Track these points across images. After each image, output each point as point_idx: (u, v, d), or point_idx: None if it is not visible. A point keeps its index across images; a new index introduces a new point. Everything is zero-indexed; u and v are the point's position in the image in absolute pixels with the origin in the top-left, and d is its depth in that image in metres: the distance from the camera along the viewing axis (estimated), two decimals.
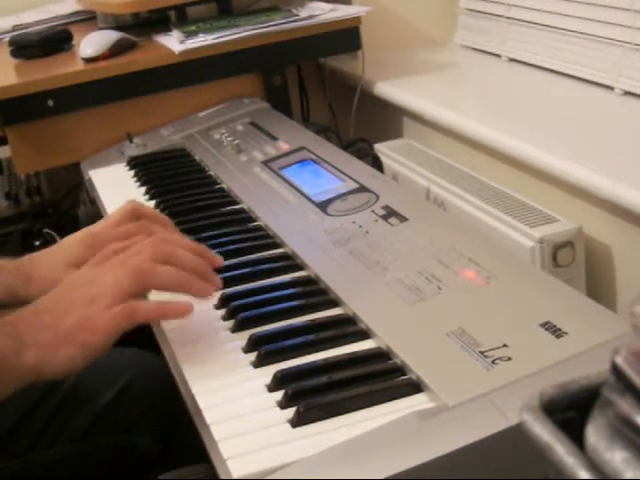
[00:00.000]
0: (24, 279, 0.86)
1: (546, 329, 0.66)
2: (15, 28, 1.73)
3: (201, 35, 1.43)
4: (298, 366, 0.69)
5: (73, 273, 0.78)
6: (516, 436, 0.55)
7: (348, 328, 0.75)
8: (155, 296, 0.78)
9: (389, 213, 0.92)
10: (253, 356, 0.72)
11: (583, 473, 0.35)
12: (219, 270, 0.88)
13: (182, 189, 1.16)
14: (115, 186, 1.24)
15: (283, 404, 0.64)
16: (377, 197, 0.96)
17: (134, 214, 0.95)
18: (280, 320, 0.77)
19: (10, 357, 0.67)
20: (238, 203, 1.08)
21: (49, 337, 0.69)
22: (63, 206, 1.75)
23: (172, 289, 0.75)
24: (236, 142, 1.24)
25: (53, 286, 0.87)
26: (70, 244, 0.90)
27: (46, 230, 1.57)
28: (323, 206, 0.98)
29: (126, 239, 0.91)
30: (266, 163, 1.16)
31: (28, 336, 0.69)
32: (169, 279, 0.74)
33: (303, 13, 1.49)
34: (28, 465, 0.91)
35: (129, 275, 0.72)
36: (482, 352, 0.65)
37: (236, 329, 0.77)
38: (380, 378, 0.66)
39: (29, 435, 0.91)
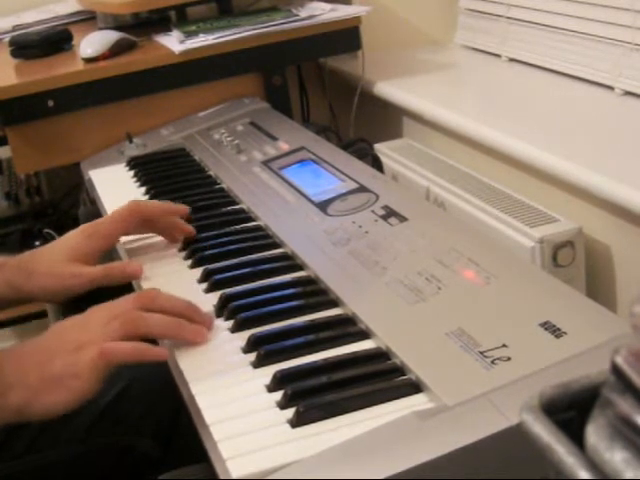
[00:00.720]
0: (26, 274, 0.87)
1: (546, 329, 0.66)
2: (15, 28, 1.73)
3: (201, 35, 1.43)
4: (298, 366, 0.69)
5: (63, 320, 0.77)
6: (516, 436, 0.55)
7: (348, 328, 0.75)
8: None
9: (389, 213, 0.92)
10: (253, 356, 0.72)
11: (583, 473, 0.35)
12: (219, 270, 0.88)
13: (182, 189, 1.16)
14: (115, 186, 1.24)
15: (283, 404, 0.64)
16: (377, 197, 0.96)
17: (133, 212, 0.96)
18: (280, 320, 0.77)
19: None
20: (238, 203, 1.08)
21: (35, 379, 0.69)
22: (63, 206, 1.75)
23: (163, 336, 0.75)
24: (236, 142, 1.24)
25: (54, 279, 0.87)
26: (69, 238, 0.91)
27: (46, 230, 1.57)
28: (323, 206, 0.98)
29: (126, 227, 0.92)
30: (266, 163, 1.16)
31: (13, 376, 0.69)
32: (158, 327, 0.74)
33: (303, 13, 1.49)
34: (28, 466, 0.91)
35: (119, 323, 0.72)
36: (482, 352, 0.65)
37: (236, 329, 0.77)
38: (380, 378, 0.66)
39: (29, 436, 0.91)
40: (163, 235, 0.99)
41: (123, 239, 0.98)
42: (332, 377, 0.66)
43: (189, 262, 0.93)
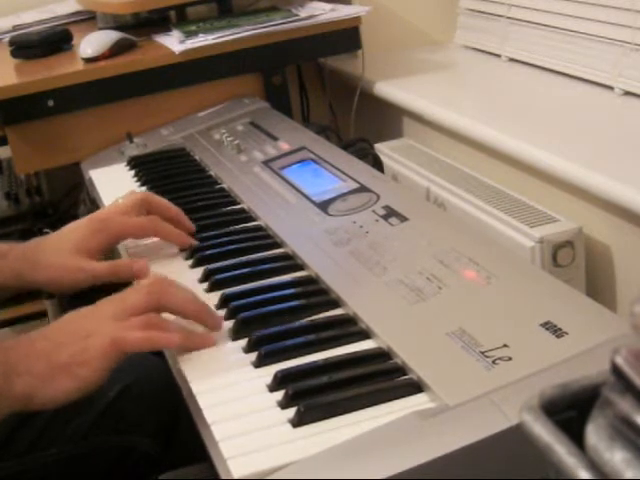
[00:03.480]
0: (31, 263, 0.87)
1: (546, 329, 0.66)
2: (15, 28, 1.73)
3: (201, 35, 1.43)
4: (299, 366, 0.69)
5: (74, 311, 0.77)
6: (516, 436, 0.55)
7: (348, 328, 0.75)
8: None
9: (389, 213, 0.92)
10: (253, 356, 0.72)
11: (583, 473, 0.35)
12: (219, 270, 0.88)
13: (182, 189, 1.16)
14: (115, 186, 1.24)
15: (284, 404, 0.64)
16: (377, 197, 0.96)
17: (143, 204, 0.95)
18: (280, 320, 0.77)
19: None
20: (238, 203, 1.08)
21: (42, 367, 0.69)
22: (63, 206, 1.75)
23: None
24: (236, 142, 1.24)
25: (60, 271, 0.87)
26: (76, 228, 0.91)
27: (46, 230, 1.57)
28: (323, 206, 0.98)
29: (135, 233, 0.92)
30: (266, 163, 1.16)
31: (20, 364, 0.69)
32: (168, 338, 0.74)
33: (303, 13, 1.49)
34: (29, 466, 0.91)
35: (133, 319, 0.72)
36: (482, 352, 0.65)
37: (236, 329, 0.77)
38: (380, 378, 0.66)
39: (30, 436, 0.91)
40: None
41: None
42: (333, 377, 0.66)
43: (190, 262, 0.93)
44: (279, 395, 0.66)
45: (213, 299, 0.83)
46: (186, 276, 0.90)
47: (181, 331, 0.74)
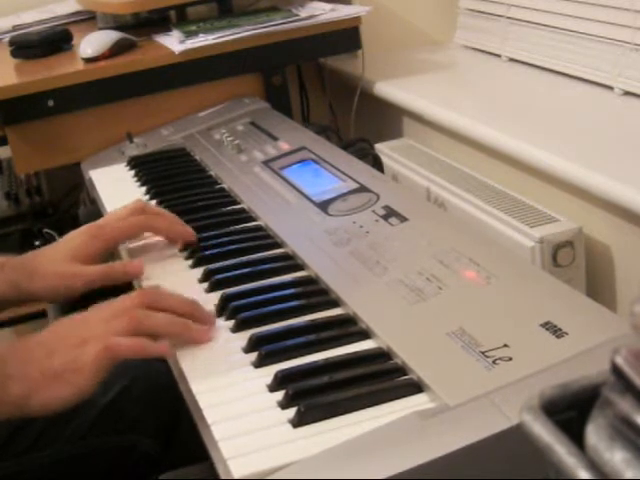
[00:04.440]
0: (28, 274, 0.87)
1: (546, 329, 0.66)
2: (15, 28, 1.73)
3: (201, 35, 1.43)
4: (299, 366, 0.69)
5: (67, 317, 0.78)
6: (516, 436, 0.55)
7: (348, 328, 0.75)
8: None
9: (389, 213, 0.92)
10: (254, 356, 0.72)
11: (583, 473, 0.35)
12: (219, 270, 0.88)
13: (182, 189, 1.16)
14: (115, 186, 1.24)
15: (284, 404, 0.65)
16: (377, 197, 0.96)
17: (139, 210, 0.96)
18: (281, 320, 0.77)
19: None
20: (238, 203, 1.08)
21: (36, 373, 0.69)
22: (63, 206, 1.75)
23: (167, 334, 0.75)
24: (236, 142, 1.24)
25: (55, 279, 0.87)
26: (72, 238, 0.91)
27: (46, 230, 1.57)
28: (323, 206, 0.98)
29: (130, 233, 0.92)
30: (266, 163, 1.16)
31: (15, 369, 0.69)
32: (163, 327, 0.74)
33: (303, 13, 1.49)
34: (29, 466, 0.91)
35: (124, 320, 0.72)
36: (483, 352, 0.65)
37: (236, 329, 0.77)
38: (381, 378, 0.66)
39: (30, 436, 0.91)
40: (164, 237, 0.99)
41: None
42: (333, 377, 0.66)
43: (190, 262, 0.93)
44: (279, 395, 0.66)
45: (213, 299, 0.83)
46: (186, 276, 0.90)
47: (177, 324, 0.74)
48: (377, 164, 1.27)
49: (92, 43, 1.41)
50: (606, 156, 1.09)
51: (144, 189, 1.19)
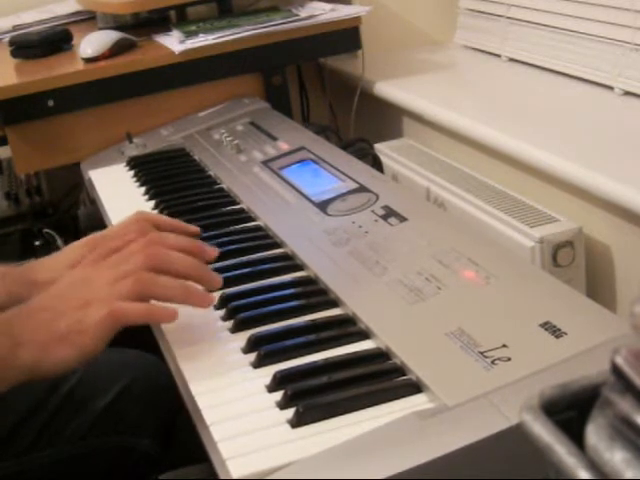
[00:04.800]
0: (28, 284, 0.86)
1: (546, 329, 0.66)
2: (15, 28, 1.73)
3: (201, 35, 1.43)
4: (298, 366, 0.69)
5: (70, 272, 0.78)
6: (516, 436, 0.55)
7: (348, 328, 0.75)
8: None
9: (389, 213, 0.92)
10: (253, 356, 0.72)
11: (583, 473, 0.35)
12: (219, 270, 0.88)
13: (182, 189, 1.16)
14: (115, 186, 1.24)
15: (283, 404, 0.64)
16: (377, 197, 0.96)
17: (140, 221, 0.95)
18: (280, 320, 0.77)
19: (5, 355, 0.68)
20: (238, 203, 1.08)
21: (44, 336, 0.69)
22: (63, 206, 1.75)
23: (171, 300, 0.75)
24: (236, 142, 1.24)
25: None
26: (74, 247, 0.91)
27: (46, 230, 1.57)
28: (323, 206, 0.98)
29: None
30: (266, 163, 1.16)
31: (23, 334, 0.69)
32: (168, 290, 0.74)
33: (303, 13, 1.49)
34: (28, 466, 0.91)
35: (128, 285, 0.72)
36: (482, 352, 0.65)
37: (235, 329, 0.77)
38: (380, 378, 0.66)
39: (29, 436, 0.92)
40: None
41: None
42: (332, 377, 0.66)
43: None
44: (278, 395, 0.65)
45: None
46: None
47: (180, 287, 0.74)
48: (377, 164, 1.27)
49: (92, 43, 1.41)
50: (606, 156, 1.09)
51: (144, 189, 1.19)
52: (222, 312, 0.80)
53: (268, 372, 0.68)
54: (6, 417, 0.92)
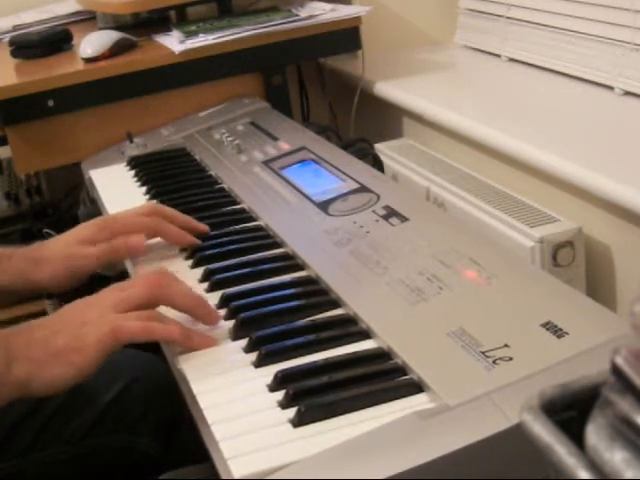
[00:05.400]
0: (34, 262, 0.87)
1: (547, 329, 0.66)
2: (15, 28, 1.73)
3: (201, 35, 1.43)
4: (299, 366, 0.69)
5: (73, 302, 0.78)
6: (516, 436, 0.55)
7: (349, 328, 0.75)
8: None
9: (390, 213, 0.92)
10: (254, 356, 0.72)
11: (583, 473, 0.35)
12: (219, 270, 0.88)
13: (182, 189, 1.16)
14: (115, 186, 1.24)
15: (284, 404, 0.65)
16: (378, 197, 0.96)
17: (159, 213, 0.96)
18: (281, 320, 0.77)
19: (0, 369, 0.67)
20: (238, 203, 1.08)
21: (39, 353, 0.69)
22: (63, 206, 1.75)
23: (168, 342, 0.75)
24: (236, 142, 1.24)
25: (64, 262, 0.88)
26: (85, 226, 0.92)
27: (46, 230, 1.57)
28: (324, 206, 0.98)
29: (140, 232, 0.92)
30: (266, 163, 1.16)
31: (19, 350, 0.69)
32: (169, 333, 0.74)
33: (303, 13, 1.49)
34: (28, 465, 0.91)
35: (133, 315, 0.73)
36: (483, 352, 0.65)
37: (237, 329, 0.77)
38: (381, 378, 0.66)
39: (29, 435, 0.92)
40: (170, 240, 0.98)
41: None
42: (333, 377, 0.66)
43: (190, 262, 0.93)
44: (279, 395, 0.66)
45: (213, 299, 0.83)
46: (186, 276, 0.90)
47: (181, 327, 0.74)
48: (377, 164, 1.27)
49: (92, 43, 1.41)
50: (606, 156, 1.09)
51: (144, 189, 1.19)
52: (223, 312, 0.80)
53: (269, 372, 0.69)
54: (6, 416, 0.92)
